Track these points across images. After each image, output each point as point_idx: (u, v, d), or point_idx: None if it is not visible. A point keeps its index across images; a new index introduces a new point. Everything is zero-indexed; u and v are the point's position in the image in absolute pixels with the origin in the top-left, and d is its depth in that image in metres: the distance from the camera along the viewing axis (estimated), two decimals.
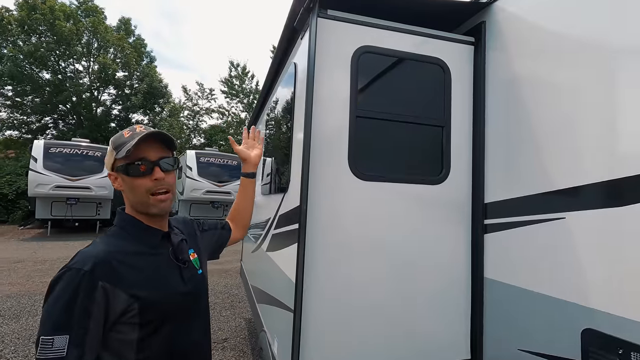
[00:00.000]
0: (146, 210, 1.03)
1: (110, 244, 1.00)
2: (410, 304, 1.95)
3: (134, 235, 1.05)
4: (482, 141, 2.02)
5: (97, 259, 0.92)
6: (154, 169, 1.01)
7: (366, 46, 1.92)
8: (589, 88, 1.49)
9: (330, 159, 1.84)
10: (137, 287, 0.95)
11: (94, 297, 0.87)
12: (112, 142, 1.05)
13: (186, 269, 1.11)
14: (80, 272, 0.88)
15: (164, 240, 1.10)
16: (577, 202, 1.49)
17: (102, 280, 0.90)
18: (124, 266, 0.95)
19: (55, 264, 8.07)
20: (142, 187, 1.00)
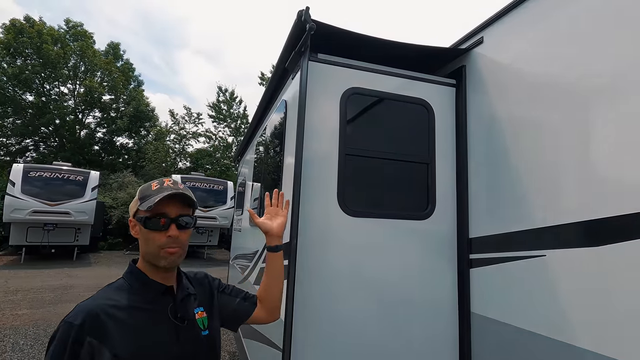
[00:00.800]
0: (155, 262, 1.03)
1: (106, 296, 0.99)
2: (399, 338, 1.95)
3: (134, 288, 1.03)
4: (465, 178, 2.10)
5: (88, 313, 0.91)
6: (170, 226, 1.03)
7: (354, 87, 2.02)
8: (564, 130, 1.59)
9: (320, 195, 1.88)
10: (121, 346, 0.91)
11: (80, 354, 0.87)
12: (139, 191, 1.09)
13: (184, 327, 1.04)
14: (72, 326, 0.89)
15: (165, 295, 1.06)
16: (557, 241, 1.55)
17: (90, 335, 0.89)
18: (113, 322, 0.93)
19: (28, 294, 7.68)
20: (155, 241, 1.01)
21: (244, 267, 3.33)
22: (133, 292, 1.02)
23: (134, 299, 1.01)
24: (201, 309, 1.14)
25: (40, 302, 7.06)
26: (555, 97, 1.65)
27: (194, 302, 1.14)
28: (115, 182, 21.31)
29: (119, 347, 0.90)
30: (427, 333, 2.00)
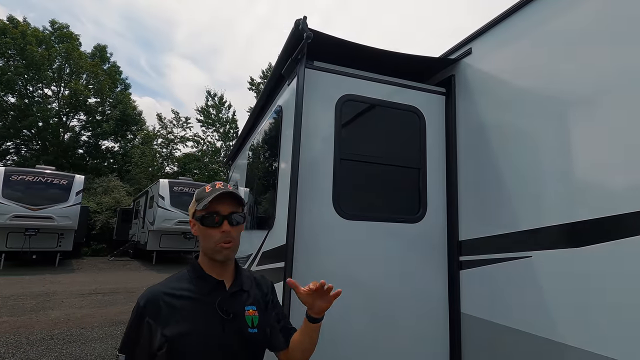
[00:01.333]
0: (213, 256, 1.14)
1: (168, 284, 1.14)
2: (392, 338, 2.00)
3: (192, 280, 1.15)
4: (455, 183, 2.18)
5: (149, 297, 1.07)
6: (223, 222, 1.13)
7: (349, 94, 2.08)
8: (546, 137, 1.68)
9: (316, 199, 1.93)
10: (170, 328, 1.03)
11: (142, 330, 1.04)
12: (195, 194, 1.21)
13: (230, 321, 1.11)
14: (138, 306, 1.06)
15: (216, 289, 1.15)
16: (541, 242, 1.63)
17: (148, 316, 1.04)
18: (168, 307, 1.06)
19: (8, 301, 7.44)
20: (212, 237, 1.13)
21: None
22: (190, 283, 1.14)
23: (190, 289, 1.12)
24: (253, 308, 1.19)
25: (22, 310, 6.86)
26: (538, 106, 1.75)
27: (246, 299, 1.20)
28: (100, 186, 20.90)
29: (168, 328, 1.03)
30: (418, 333, 2.05)
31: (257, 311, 1.19)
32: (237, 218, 1.18)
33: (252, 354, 1.17)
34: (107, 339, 5.35)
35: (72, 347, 4.97)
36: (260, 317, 1.19)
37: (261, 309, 1.22)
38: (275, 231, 2.16)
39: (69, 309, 7.09)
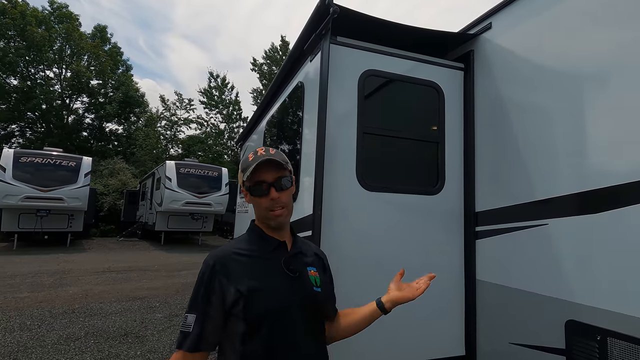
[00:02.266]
0: (267, 223, 1.17)
1: (234, 245, 1.16)
2: (411, 304, 2.11)
3: (254, 241, 1.17)
4: (472, 156, 2.25)
5: (218, 256, 1.10)
6: (270, 190, 1.13)
7: (371, 70, 2.13)
8: (564, 111, 1.74)
9: (340, 171, 2.01)
10: (243, 284, 1.05)
11: (214, 288, 1.05)
12: (241, 164, 1.22)
13: (296, 279, 1.13)
14: (208, 265, 1.08)
15: (279, 249, 1.16)
16: (558, 211, 1.72)
17: (219, 274, 1.06)
18: (237, 265, 1.09)
19: (27, 278, 7.70)
20: (262, 205, 1.14)
21: None
22: (253, 244, 1.17)
23: (254, 249, 1.15)
24: (314, 269, 1.21)
25: (41, 286, 7.10)
26: (555, 81, 1.80)
27: (307, 260, 1.22)
28: (105, 168, 21.06)
29: (240, 283, 1.05)
30: (435, 300, 2.16)
31: (319, 273, 1.22)
32: (284, 182, 1.16)
33: (317, 313, 1.18)
34: (126, 313, 5.57)
35: (93, 320, 5.19)
36: (321, 278, 1.21)
37: (321, 272, 1.24)
38: (299, 204, 2.25)
39: (86, 285, 7.33)
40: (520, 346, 1.84)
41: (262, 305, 1.05)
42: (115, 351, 4.11)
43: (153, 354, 4.08)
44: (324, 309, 1.24)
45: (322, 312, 1.22)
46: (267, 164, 1.14)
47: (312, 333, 1.15)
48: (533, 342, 1.78)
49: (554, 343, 1.67)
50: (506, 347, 1.92)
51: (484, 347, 2.09)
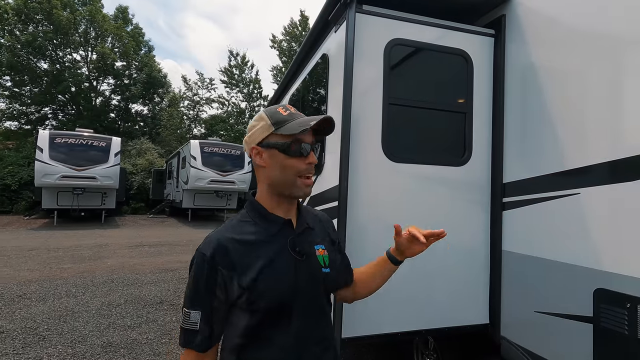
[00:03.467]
0: (289, 192, 1.01)
1: (232, 229, 1.00)
2: (435, 274, 2.15)
3: (255, 222, 1.02)
4: (500, 127, 2.20)
5: (217, 245, 0.95)
6: (309, 153, 1.00)
7: (397, 39, 2.09)
8: (599, 77, 1.66)
9: (366, 142, 2.02)
10: (244, 275, 0.94)
11: (216, 280, 0.93)
12: (269, 116, 1.00)
13: (303, 262, 1.02)
14: (204, 257, 0.94)
15: (284, 229, 1.03)
16: (591, 179, 1.68)
17: (220, 265, 0.93)
18: (238, 253, 0.95)
19: (68, 251, 8.26)
20: (294, 168, 0.98)
21: None
22: (255, 226, 1.01)
23: (256, 231, 1.00)
24: (322, 247, 1.10)
25: (81, 258, 7.62)
26: (590, 46, 1.71)
27: (314, 238, 1.10)
28: (133, 148, 21.81)
29: (243, 276, 0.94)
30: (460, 270, 2.19)
31: (327, 250, 1.11)
32: (316, 150, 1.05)
33: (326, 294, 1.10)
34: (160, 283, 5.92)
35: (131, 289, 5.55)
36: (330, 256, 1.10)
37: (328, 247, 1.13)
38: (325, 176, 2.29)
39: (122, 258, 7.80)
40: (546, 314, 1.85)
41: (269, 295, 0.95)
42: (152, 317, 4.41)
43: None
44: (334, 286, 1.16)
45: (334, 290, 1.17)
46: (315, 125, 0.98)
47: (319, 316, 1.06)
48: (559, 311, 1.79)
49: (581, 311, 1.67)
50: (531, 316, 1.94)
51: (508, 315, 2.11)
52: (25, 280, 5.79)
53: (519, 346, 1.99)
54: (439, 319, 2.15)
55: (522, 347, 1.97)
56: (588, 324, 1.63)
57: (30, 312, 4.44)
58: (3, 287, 5.37)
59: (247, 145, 1.04)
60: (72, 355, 3.37)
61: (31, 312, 4.45)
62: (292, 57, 25.73)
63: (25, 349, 3.48)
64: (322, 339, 1.05)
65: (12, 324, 4.05)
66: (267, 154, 1.00)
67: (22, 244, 9.09)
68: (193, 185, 13.85)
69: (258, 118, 1.03)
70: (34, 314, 4.38)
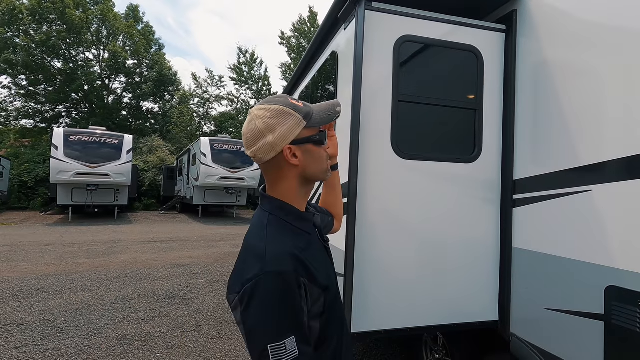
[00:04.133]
0: (323, 178, 1.00)
1: (287, 238, 0.91)
2: (445, 271, 2.16)
3: (295, 225, 0.95)
4: (511, 123, 2.18)
5: (292, 257, 0.85)
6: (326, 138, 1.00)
7: (407, 35, 2.08)
8: (613, 73, 1.64)
9: (375, 139, 2.03)
10: (320, 277, 0.90)
11: (302, 294, 0.83)
12: (293, 109, 0.91)
13: (328, 248, 1.07)
14: (285, 274, 0.81)
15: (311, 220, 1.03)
16: (603, 176, 1.66)
17: (303, 277, 0.84)
18: (308, 260, 0.88)
19: (83, 246, 8.46)
20: (324, 156, 0.99)
21: None
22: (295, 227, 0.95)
23: (302, 234, 0.96)
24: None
25: (96, 253, 7.80)
26: (604, 41, 1.68)
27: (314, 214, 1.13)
28: (145, 146, 22.12)
29: (320, 277, 0.90)
30: (470, 266, 2.19)
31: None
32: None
33: None
34: (172, 278, 6.02)
35: (144, 283, 5.67)
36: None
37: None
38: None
39: (135, 253, 7.95)
40: (556, 311, 1.85)
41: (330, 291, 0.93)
42: (165, 311, 4.50)
43: (199, 314, 4.44)
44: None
45: None
46: None
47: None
48: (570, 308, 1.78)
49: (592, 308, 1.67)
50: (541, 313, 1.93)
51: (517, 312, 2.11)
52: (43, 274, 5.96)
53: (528, 343, 1.99)
54: (448, 315, 2.16)
55: (532, 344, 1.97)
56: (599, 322, 1.62)
57: (48, 305, 4.58)
58: (22, 281, 5.55)
59: (273, 146, 0.89)
60: (88, 347, 3.47)
61: (49, 305, 4.59)
62: (301, 54, 25.69)
63: (44, 340, 3.60)
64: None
65: (31, 317, 4.18)
66: (301, 151, 0.92)
67: (39, 239, 9.35)
68: (203, 182, 14.01)
69: (277, 114, 0.89)
70: (51, 306, 4.52)
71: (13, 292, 5.03)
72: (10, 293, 4.98)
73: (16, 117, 23.71)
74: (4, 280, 5.58)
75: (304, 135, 0.92)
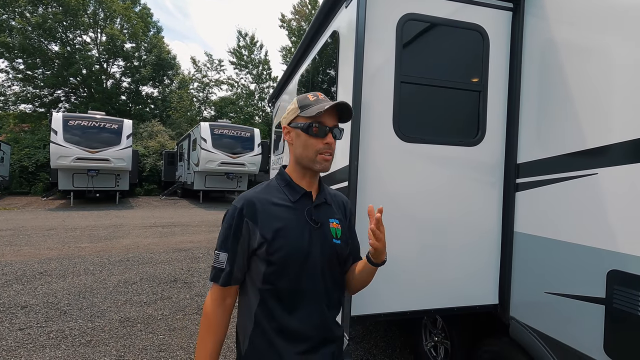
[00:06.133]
0: (310, 166, 1.15)
1: (261, 190, 1.18)
2: (445, 254, 2.15)
3: (281, 188, 1.18)
4: (516, 106, 2.13)
5: (246, 200, 1.13)
6: (327, 134, 1.13)
7: (410, 14, 2.01)
8: (622, 53, 1.58)
9: (377, 121, 1.99)
10: (267, 229, 1.09)
11: (242, 229, 1.11)
12: (298, 100, 1.18)
13: (317, 230, 1.16)
14: (236, 209, 1.13)
15: (304, 198, 1.18)
16: (610, 159, 1.62)
17: (247, 217, 1.11)
18: (264, 210, 1.12)
19: (85, 231, 8.51)
20: (314, 146, 1.13)
21: None
22: (281, 191, 1.18)
23: (281, 196, 1.17)
24: (336, 221, 1.23)
25: (98, 238, 7.85)
26: (613, 20, 1.61)
27: (331, 212, 1.24)
28: (145, 131, 22.00)
29: (265, 230, 1.10)
30: (470, 250, 2.18)
31: (340, 225, 1.24)
32: (338, 132, 1.18)
33: (336, 263, 1.21)
34: (174, 262, 6.07)
35: (146, 267, 5.72)
36: (342, 231, 1.23)
37: (343, 224, 1.25)
38: (335, 156, 2.27)
39: (136, 238, 8.00)
40: (557, 295, 1.84)
41: (284, 250, 1.09)
42: (167, 294, 4.55)
43: (200, 297, 4.48)
44: (343, 260, 1.25)
45: (341, 263, 1.24)
46: (334, 109, 1.14)
47: (332, 282, 1.19)
48: (570, 292, 1.78)
49: (593, 292, 1.66)
50: (541, 297, 1.93)
51: (518, 296, 2.11)
52: (46, 258, 6.01)
53: (528, 326, 2.00)
54: (448, 299, 2.16)
55: (532, 328, 1.97)
56: (600, 305, 1.62)
57: (51, 288, 4.63)
58: (25, 265, 5.60)
59: (282, 124, 1.22)
60: (92, 329, 3.52)
61: (52, 288, 4.63)
62: (301, 37, 25.24)
63: (47, 322, 3.64)
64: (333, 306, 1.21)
65: (34, 299, 4.23)
66: (294, 134, 1.17)
67: (41, 223, 9.40)
68: (204, 167, 13.98)
69: (292, 102, 1.21)
70: (54, 290, 4.57)
71: (16, 275, 5.08)
72: (14, 276, 5.03)
73: (15, 102, 23.51)
74: (8, 264, 5.63)
75: (298, 122, 1.16)
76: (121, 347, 3.21)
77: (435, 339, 2.72)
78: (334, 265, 1.20)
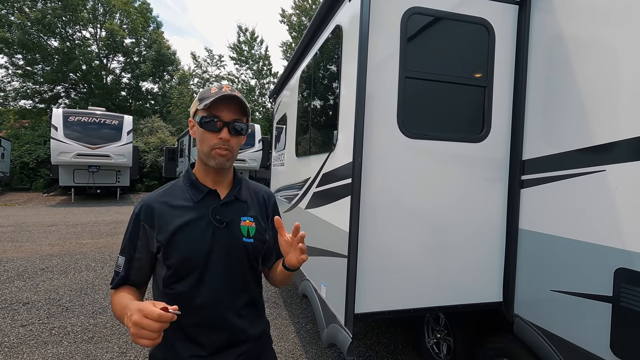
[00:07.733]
0: (207, 162, 1.11)
1: (164, 192, 1.14)
2: (449, 251, 2.13)
3: (184, 188, 1.14)
4: (522, 101, 2.10)
5: (144, 204, 1.10)
6: (223, 129, 1.07)
7: (415, 7, 1.98)
8: (631, 46, 1.55)
9: (380, 117, 1.96)
10: (164, 234, 1.06)
11: (139, 234, 1.09)
12: (199, 93, 1.14)
13: (222, 230, 1.11)
14: (133, 214, 1.11)
15: (209, 197, 1.13)
16: (618, 156, 1.60)
17: (144, 221, 1.08)
18: (161, 213, 1.08)
19: (87, 227, 8.51)
20: (208, 141, 1.08)
21: (291, 196, 3.56)
22: (185, 191, 1.14)
23: (184, 196, 1.13)
24: (249, 219, 1.17)
25: (99, 234, 7.85)
26: (623, 14, 1.58)
27: (244, 210, 1.18)
28: (145, 127, 21.95)
29: (162, 233, 1.06)
30: (475, 248, 2.16)
31: (255, 222, 1.17)
32: (239, 127, 1.10)
33: (246, 265, 1.16)
34: None
35: None
36: (257, 228, 1.17)
37: (259, 221, 1.19)
38: (337, 153, 2.26)
39: None
40: (562, 293, 1.83)
41: (180, 254, 1.06)
42: None
43: None
44: (258, 258, 1.21)
45: (256, 261, 1.20)
46: (229, 101, 1.08)
47: (242, 282, 1.15)
48: (576, 290, 1.76)
49: (599, 290, 1.64)
50: (546, 294, 1.91)
51: (522, 293, 2.10)
52: (47, 255, 6.01)
53: (532, 324, 1.98)
54: (452, 296, 2.15)
55: (536, 325, 1.96)
56: (607, 304, 1.60)
57: (53, 284, 4.63)
58: (27, 261, 5.60)
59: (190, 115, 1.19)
60: (94, 325, 3.52)
61: (54, 284, 4.64)
62: (302, 32, 25.10)
63: (50, 318, 3.64)
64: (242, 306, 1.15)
65: (36, 296, 4.23)
66: (195, 127, 1.13)
67: (42, 219, 9.40)
68: None
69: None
70: (56, 286, 4.57)
71: (18, 271, 5.08)
72: (16, 272, 5.03)
73: (14, 98, 23.42)
74: (9, 260, 5.63)
75: (197, 115, 1.11)
76: (123, 344, 3.21)
77: (438, 336, 2.71)
78: (245, 265, 1.15)
